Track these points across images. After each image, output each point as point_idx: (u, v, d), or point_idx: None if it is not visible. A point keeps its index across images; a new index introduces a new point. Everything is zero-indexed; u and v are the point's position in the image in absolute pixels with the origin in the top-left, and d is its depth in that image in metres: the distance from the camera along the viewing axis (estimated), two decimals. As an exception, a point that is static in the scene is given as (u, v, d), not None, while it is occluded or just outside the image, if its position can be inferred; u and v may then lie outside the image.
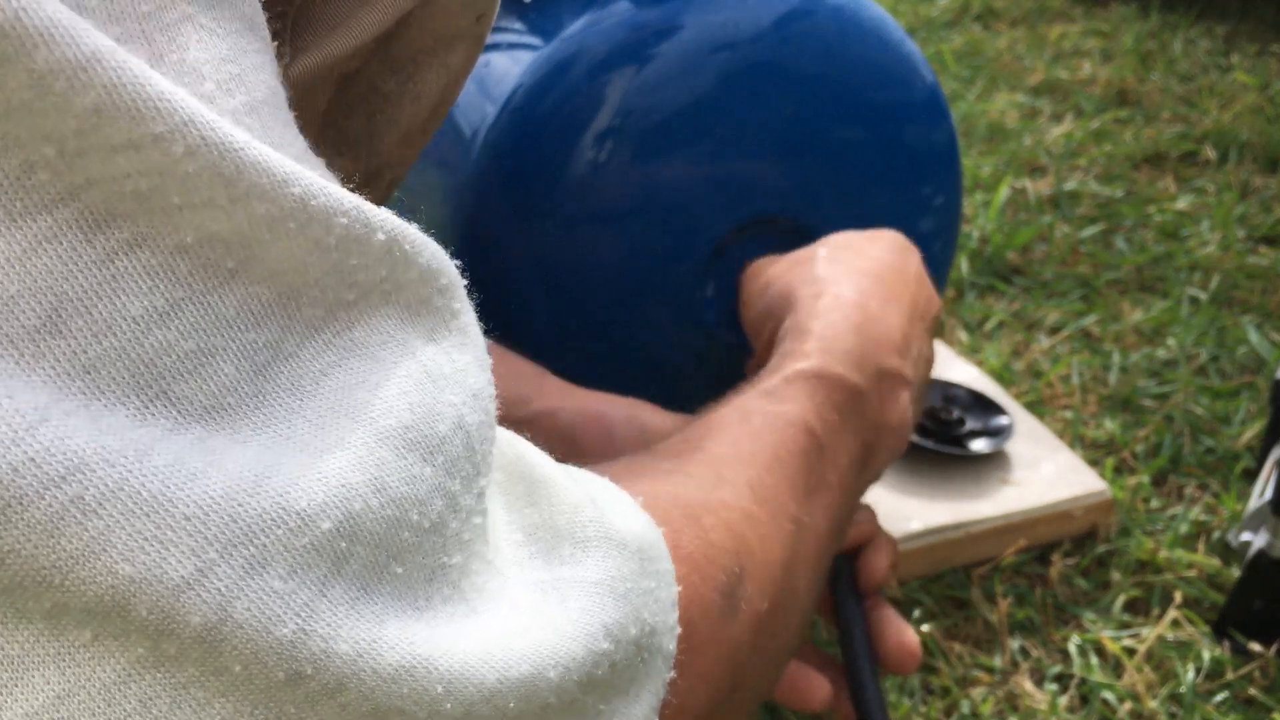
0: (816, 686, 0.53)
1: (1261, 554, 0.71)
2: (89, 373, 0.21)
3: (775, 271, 0.58)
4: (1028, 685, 0.68)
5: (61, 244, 0.21)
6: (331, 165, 0.34)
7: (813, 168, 0.65)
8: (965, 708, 0.66)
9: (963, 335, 1.05)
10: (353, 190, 0.38)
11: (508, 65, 0.64)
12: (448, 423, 0.25)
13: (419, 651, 0.24)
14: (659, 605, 0.31)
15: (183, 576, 0.21)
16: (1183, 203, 1.33)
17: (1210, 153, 1.45)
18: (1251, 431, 0.91)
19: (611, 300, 0.64)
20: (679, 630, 0.32)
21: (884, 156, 0.66)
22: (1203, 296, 1.12)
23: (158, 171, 0.22)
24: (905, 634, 0.55)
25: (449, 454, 0.25)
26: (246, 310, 0.23)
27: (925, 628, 0.71)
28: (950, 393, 0.87)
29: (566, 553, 0.29)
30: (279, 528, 0.22)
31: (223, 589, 0.21)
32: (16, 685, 0.21)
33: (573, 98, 0.61)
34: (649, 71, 0.61)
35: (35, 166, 0.21)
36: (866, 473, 0.50)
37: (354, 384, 0.24)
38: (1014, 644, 0.71)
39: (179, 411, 0.22)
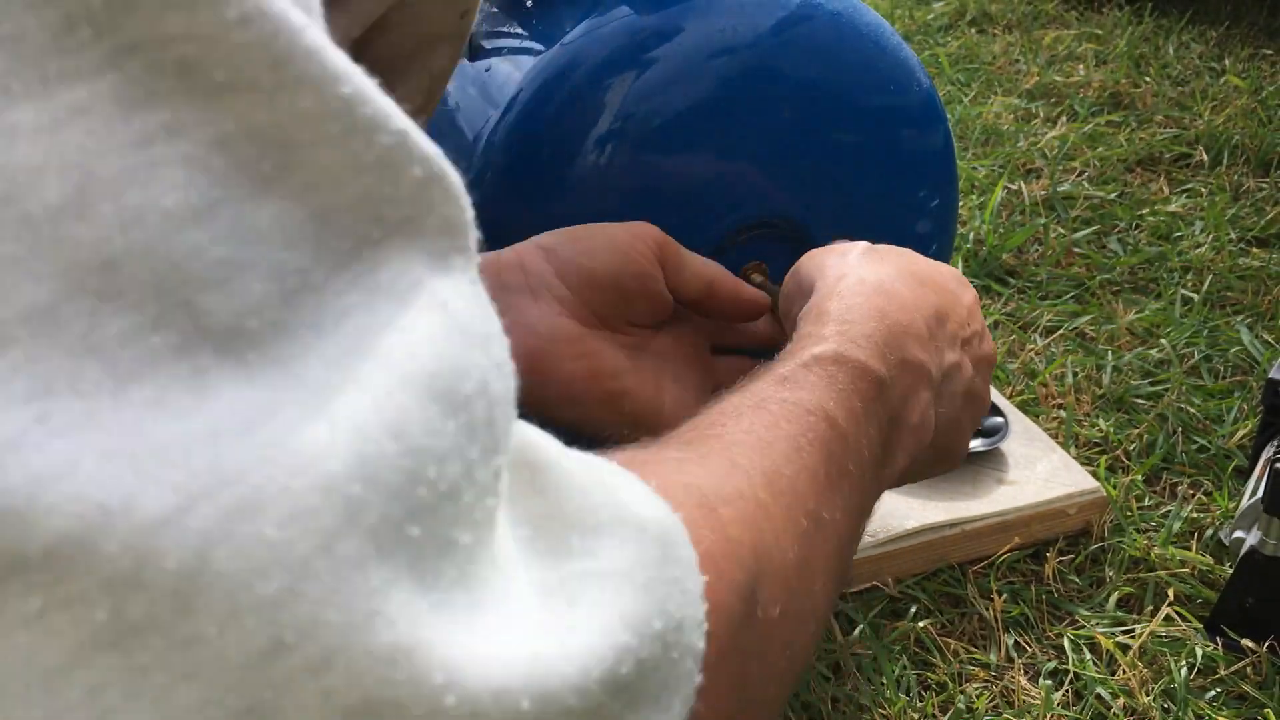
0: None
1: (1253, 551, 0.72)
2: (109, 268, 0.19)
3: (809, 257, 0.55)
4: (1023, 681, 0.69)
5: (96, 118, 0.19)
6: None
7: (810, 171, 0.66)
8: (961, 703, 0.67)
9: (958, 336, 1.06)
10: None
11: (509, 70, 0.65)
12: (473, 383, 0.23)
13: (421, 634, 0.21)
14: (685, 596, 0.28)
15: (161, 511, 0.18)
16: (1175, 205, 1.34)
17: (1203, 155, 1.46)
18: (1244, 430, 0.92)
19: (612, 301, 0.65)
20: (706, 626, 0.28)
21: (881, 160, 0.67)
22: (1195, 297, 1.13)
23: (207, 37, 0.19)
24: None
25: (472, 416, 0.22)
26: (280, 226, 0.21)
27: (921, 624, 0.72)
28: (946, 393, 0.88)
29: (577, 544, 0.26)
30: (271, 465, 0.19)
31: (205, 530, 0.18)
32: None
33: (573, 102, 0.62)
34: (649, 76, 0.62)
35: (78, 21, 0.18)
36: (886, 470, 0.46)
37: (378, 325, 0.22)
38: (1009, 640, 0.72)
39: (196, 326, 0.19)
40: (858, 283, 0.49)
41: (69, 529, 0.18)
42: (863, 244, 0.54)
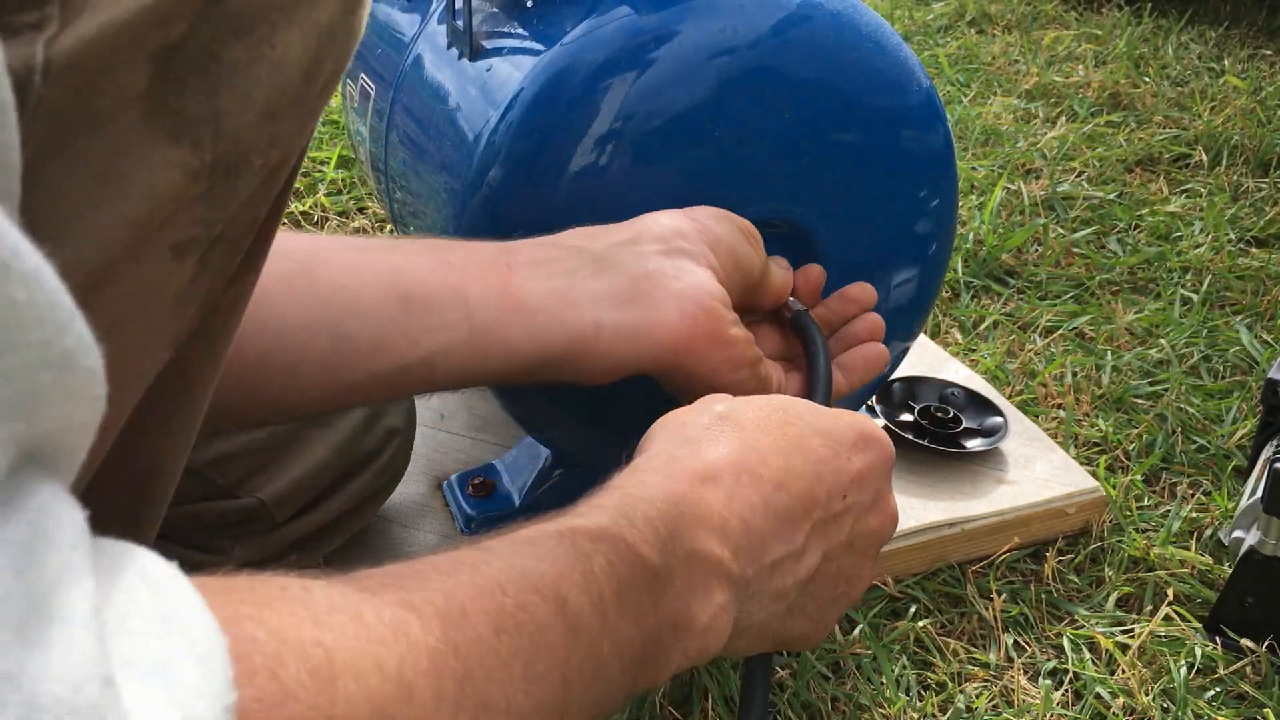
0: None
1: (1253, 551, 0.72)
2: None
3: (659, 424, 0.49)
4: (1022, 681, 0.69)
5: None
6: (165, 156, 0.30)
7: (810, 171, 0.66)
8: (960, 703, 0.67)
9: (958, 335, 1.07)
10: (206, 189, 0.32)
11: (509, 70, 0.65)
12: None
13: None
14: None
15: None
16: (1175, 205, 1.34)
17: (1202, 155, 1.47)
18: (1243, 430, 0.92)
19: (612, 301, 0.65)
20: None
21: (881, 160, 0.67)
22: (1194, 297, 1.13)
23: None
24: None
25: None
26: None
27: (921, 624, 0.72)
28: (946, 392, 0.88)
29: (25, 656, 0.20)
30: None
31: None
32: None
33: (573, 102, 0.62)
34: (649, 76, 0.62)
35: None
36: (645, 669, 0.40)
37: None
38: (1009, 640, 0.72)
39: None
40: (665, 462, 0.44)
41: None
42: (723, 408, 0.48)
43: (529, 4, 0.68)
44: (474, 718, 0.31)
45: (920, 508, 0.78)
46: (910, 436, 0.83)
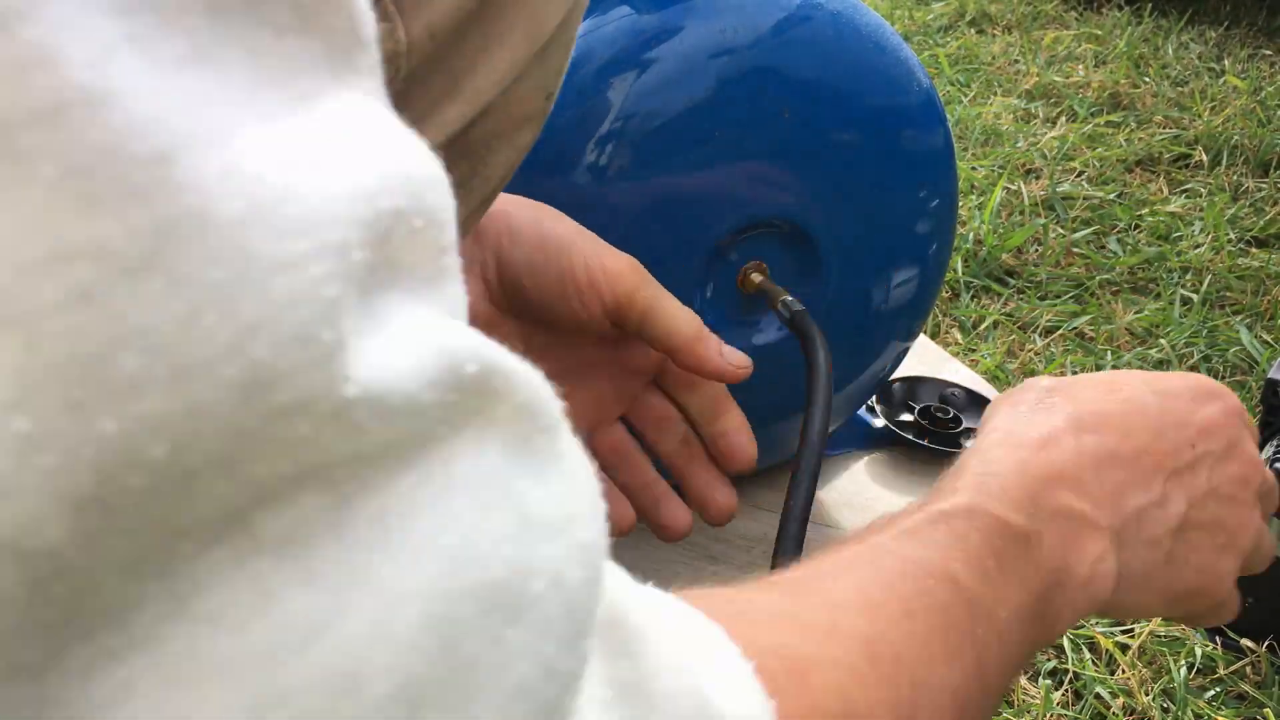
0: (679, 515, 0.58)
1: (1252, 551, 0.72)
2: None
3: (990, 406, 0.52)
4: (1022, 681, 0.69)
5: None
6: None
7: (810, 171, 0.66)
8: (961, 703, 0.67)
9: (958, 335, 1.07)
10: None
11: (510, 70, 0.65)
12: (545, 579, 0.22)
13: None
14: None
15: None
16: (1175, 205, 1.34)
17: (1202, 155, 1.47)
18: (1243, 431, 0.92)
19: (612, 301, 0.65)
20: None
21: (880, 160, 0.67)
22: (1195, 298, 1.13)
23: None
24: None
25: (543, 613, 0.22)
26: None
27: (921, 624, 0.72)
28: (946, 392, 0.88)
29: None
30: (322, 689, 0.19)
31: None
32: None
33: (573, 102, 0.62)
34: (649, 76, 0.62)
35: None
36: (1041, 626, 0.43)
37: (445, 527, 0.21)
38: (1009, 640, 0.72)
39: (254, 541, 0.19)
40: (1004, 437, 0.47)
41: None
42: (1050, 382, 0.51)
43: (529, 4, 0.68)
44: (911, 694, 0.35)
45: (920, 508, 0.78)
46: (910, 436, 0.83)
